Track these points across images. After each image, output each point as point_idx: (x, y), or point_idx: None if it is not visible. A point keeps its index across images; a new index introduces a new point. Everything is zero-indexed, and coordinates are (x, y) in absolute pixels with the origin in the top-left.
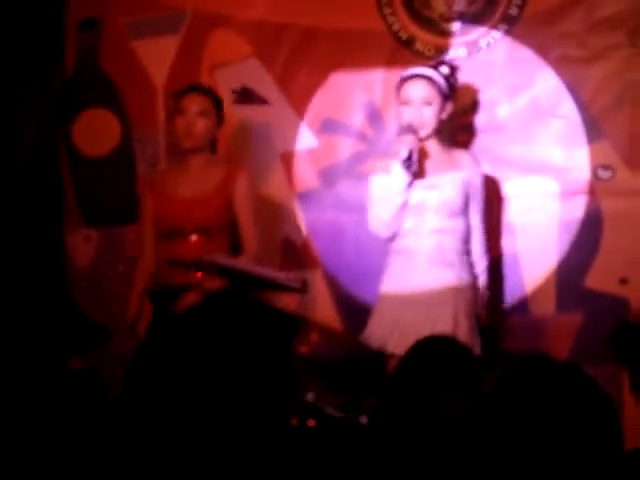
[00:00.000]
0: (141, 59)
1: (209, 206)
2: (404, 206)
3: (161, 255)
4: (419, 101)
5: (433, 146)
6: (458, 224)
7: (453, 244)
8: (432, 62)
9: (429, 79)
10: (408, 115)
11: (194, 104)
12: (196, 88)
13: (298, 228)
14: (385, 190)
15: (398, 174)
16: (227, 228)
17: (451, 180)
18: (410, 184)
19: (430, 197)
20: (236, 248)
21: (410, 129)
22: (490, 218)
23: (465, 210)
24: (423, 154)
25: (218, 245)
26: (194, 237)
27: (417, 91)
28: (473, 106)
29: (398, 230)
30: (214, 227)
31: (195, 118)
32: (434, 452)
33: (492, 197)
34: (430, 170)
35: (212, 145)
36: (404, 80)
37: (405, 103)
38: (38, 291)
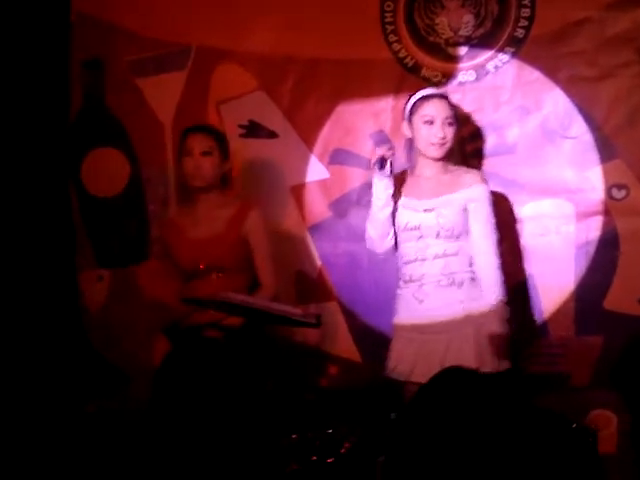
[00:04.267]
0: (147, 97)
1: (222, 245)
2: (390, 218)
3: (182, 295)
4: (444, 121)
5: (438, 167)
6: (463, 246)
7: (460, 266)
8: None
9: (448, 100)
10: (430, 134)
11: (198, 144)
12: (198, 128)
13: (312, 260)
14: (372, 209)
15: (377, 186)
16: (245, 266)
17: (449, 202)
18: (392, 195)
19: (427, 220)
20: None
21: (382, 139)
22: (508, 241)
23: (469, 233)
24: (423, 178)
25: (237, 283)
26: (213, 277)
27: (441, 110)
28: (477, 133)
29: (391, 246)
30: (230, 265)
31: (201, 158)
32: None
33: (507, 219)
34: (429, 193)
35: (223, 181)
36: (424, 99)
37: (429, 122)
38: (54, 333)
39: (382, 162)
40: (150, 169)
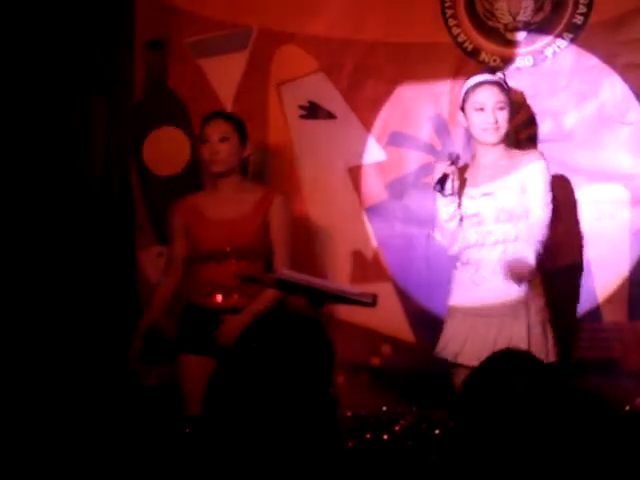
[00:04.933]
0: (208, 77)
1: (247, 228)
2: (459, 226)
3: (198, 277)
4: (494, 106)
5: (497, 153)
6: (522, 231)
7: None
8: (489, 70)
9: (499, 85)
10: (482, 120)
11: (215, 131)
12: (216, 115)
13: (368, 241)
14: (439, 220)
15: (441, 203)
16: (264, 252)
17: (506, 184)
18: (458, 206)
19: (485, 205)
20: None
21: (449, 157)
22: (567, 223)
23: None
24: (482, 166)
25: (255, 267)
26: (233, 259)
27: (491, 96)
28: (533, 118)
29: (463, 244)
30: (252, 249)
31: (217, 145)
32: (511, 464)
33: (566, 200)
34: (487, 178)
35: (243, 167)
36: (474, 87)
37: (480, 109)
38: (111, 308)
39: (443, 181)
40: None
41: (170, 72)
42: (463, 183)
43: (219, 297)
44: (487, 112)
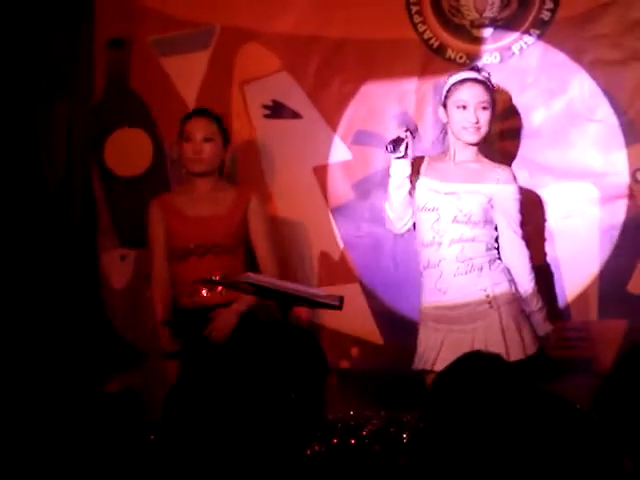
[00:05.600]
0: (171, 76)
1: (225, 224)
2: (407, 198)
3: (181, 278)
4: (477, 105)
5: (471, 154)
6: (479, 235)
7: (477, 252)
8: (471, 66)
9: (484, 84)
10: (463, 119)
11: (199, 130)
12: (200, 112)
13: (335, 242)
14: (389, 188)
15: (393, 167)
16: (242, 249)
17: (472, 190)
18: (410, 177)
19: (447, 203)
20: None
21: (405, 121)
22: (530, 226)
23: (487, 222)
24: (454, 162)
25: (234, 264)
26: (211, 256)
27: (474, 95)
28: (508, 114)
29: (409, 225)
30: (230, 246)
31: (202, 144)
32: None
33: (531, 205)
34: (455, 177)
35: (219, 168)
36: (458, 84)
37: (462, 107)
38: (74, 313)
39: (397, 143)
40: (173, 149)
41: (132, 71)
42: (427, 172)
43: (205, 292)
44: (469, 111)
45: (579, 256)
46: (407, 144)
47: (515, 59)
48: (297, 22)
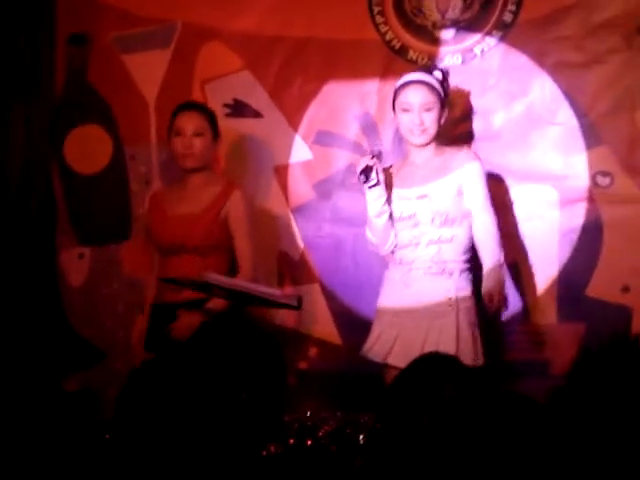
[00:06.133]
0: (132, 74)
1: (201, 223)
2: (389, 223)
3: (163, 274)
4: (420, 107)
5: (428, 153)
6: (458, 233)
7: (452, 254)
8: (424, 68)
9: (428, 85)
10: (409, 121)
11: (189, 124)
12: (190, 106)
13: (295, 242)
14: (368, 216)
15: (368, 197)
16: (224, 246)
17: (442, 186)
18: (387, 201)
19: (422, 207)
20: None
21: (371, 151)
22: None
23: (464, 217)
24: (415, 165)
25: (216, 263)
26: (191, 254)
27: (417, 97)
28: (469, 114)
29: (394, 243)
30: (209, 245)
31: (192, 138)
32: (436, 467)
33: (502, 201)
34: (421, 179)
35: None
36: (403, 86)
37: (405, 110)
38: (31, 311)
39: (367, 172)
40: (134, 147)
41: (92, 68)
42: (396, 183)
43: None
44: (413, 113)
45: (538, 258)
46: (376, 170)
47: (477, 61)
48: (259, 21)
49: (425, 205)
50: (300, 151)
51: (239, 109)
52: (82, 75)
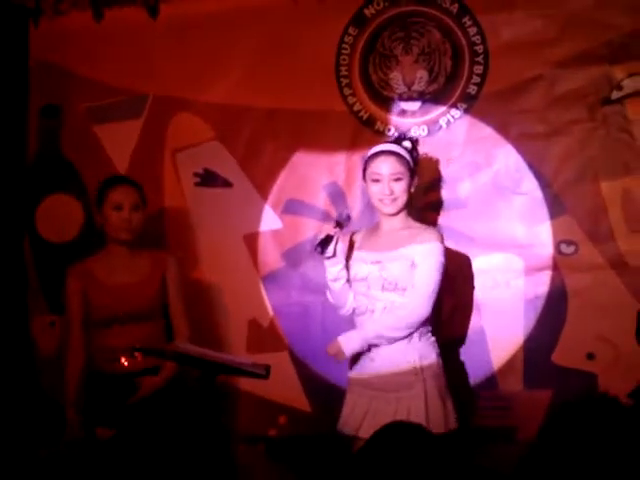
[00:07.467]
0: (103, 144)
1: (145, 291)
2: (346, 287)
3: (97, 344)
4: (389, 177)
5: (398, 221)
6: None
7: None
8: (394, 137)
9: (397, 155)
10: (379, 191)
11: (127, 199)
12: (123, 180)
13: (264, 310)
14: (327, 280)
15: (327, 264)
16: (160, 313)
17: (397, 256)
18: (344, 267)
19: (373, 272)
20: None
21: (338, 216)
22: (459, 296)
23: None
24: (383, 232)
25: (154, 331)
26: (133, 323)
27: (387, 167)
28: (435, 183)
29: (353, 306)
30: (149, 313)
31: (131, 213)
32: None
33: (461, 275)
34: (383, 246)
35: None
36: (372, 157)
37: (375, 180)
38: (5, 379)
39: (325, 244)
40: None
41: (64, 138)
42: (359, 245)
43: (124, 360)
44: (383, 183)
45: (504, 326)
46: (336, 240)
47: (442, 132)
48: (229, 92)
49: (376, 271)
50: (270, 220)
51: (209, 178)
52: (55, 145)
